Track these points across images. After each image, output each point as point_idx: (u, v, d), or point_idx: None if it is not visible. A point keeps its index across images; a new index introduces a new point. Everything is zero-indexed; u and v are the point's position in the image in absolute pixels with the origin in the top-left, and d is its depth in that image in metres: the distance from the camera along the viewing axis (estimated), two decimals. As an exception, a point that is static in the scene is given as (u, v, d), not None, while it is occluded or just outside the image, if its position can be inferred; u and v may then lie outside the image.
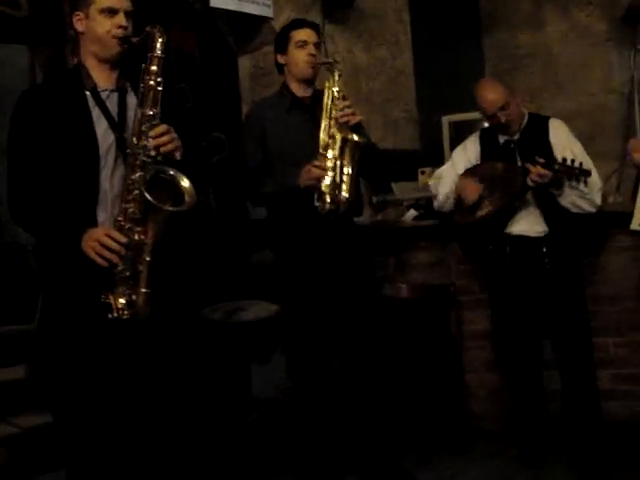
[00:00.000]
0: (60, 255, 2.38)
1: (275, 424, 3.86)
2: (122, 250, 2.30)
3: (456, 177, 3.53)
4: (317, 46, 3.28)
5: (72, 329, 2.38)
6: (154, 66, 2.41)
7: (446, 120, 4.82)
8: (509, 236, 3.43)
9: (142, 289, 2.35)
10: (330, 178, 3.05)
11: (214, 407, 3.60)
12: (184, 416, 2.79)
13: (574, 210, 3.32)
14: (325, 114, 3.13)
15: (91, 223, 2.36)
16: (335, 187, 3.06)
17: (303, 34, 3.25)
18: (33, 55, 3.39)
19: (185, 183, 2.36)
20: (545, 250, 3.38)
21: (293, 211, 3.19)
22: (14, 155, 2.43)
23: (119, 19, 2.43)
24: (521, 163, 3.38)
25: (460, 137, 3.91)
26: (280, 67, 3.36)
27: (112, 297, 2.32)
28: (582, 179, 3.15)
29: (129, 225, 2.33)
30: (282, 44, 3.30)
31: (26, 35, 3.40)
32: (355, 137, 3.05)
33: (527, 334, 3.51)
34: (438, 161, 3.91)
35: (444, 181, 3.58)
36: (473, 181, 3.45)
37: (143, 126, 2.36)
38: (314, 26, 3.34)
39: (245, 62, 4.53)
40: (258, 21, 4.31)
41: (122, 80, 2.51)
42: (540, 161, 3.20)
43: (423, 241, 4.08)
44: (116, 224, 2.35)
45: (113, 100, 2.48)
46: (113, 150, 2.42)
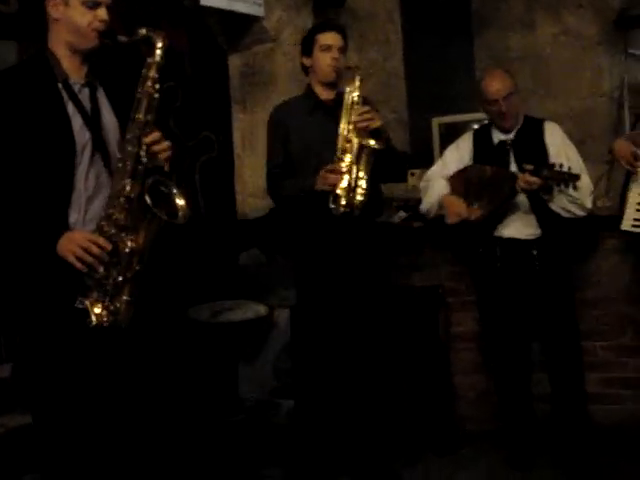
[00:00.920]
0: (29, 257, 2.26)
1: (262, 425, 3.85)
2: (105, 257, 2.24)
3: (444, 184, 3.50)
4: (342, 50, 3.30)
5: (49, 332, 2.29)
6: (152, 72, 2.35)
7: (436, 122, 4.81)
8: (500, 239, 3.43)
9: (125, 297, 2.29)
10: (345, 182, 3.08)
11: (200, 407, 3.59)
12: (170, 417, 2.77)
13: (565, 214, 3.32)
14: (344, 118, 3.16)
15: (62, 224, 2.27)
16: (350, 191, 3.09)
17: (328, 38, 3.28)
18: (21, 51, 3.35)
19: (181, 201, 2.32)
20: (536, 253, 3.38)
21: (310, 212, 3.22)
22: None
23: (102, 12, 2.34)
24: (515, 164, 3.39)
25: (450, 139, 3.90)
26: (305, 69, 3.39)
27: (88, 303, 2.25)
28: (571, 184, 3.15)
29: (114, 231, 2.27)
30: (308, 47, 3.33)
31: (14, 31, 3.37)
32: (372, 142, 3.07)
33: (515, 336, 3.51)
34: (428, 162, 3.89)
35: (432, 190, 3.56)
36: (459, 201, 3.43)
37: (136, 131, 2.30)
38: (340, 30, 3.36)
39: (235, 61, 4.52)
40: (249, 20, 4.30)
41: (90, 75, 2.41)
42: (528, 168, 3.19)
43: (411, 242, 4.07)
44: (99, 229, 2.28)
45: (85, 95, 2.38)
46: (88, 149, 2.33)
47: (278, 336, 4.20)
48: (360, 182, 3.10)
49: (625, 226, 3.11)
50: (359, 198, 3.09)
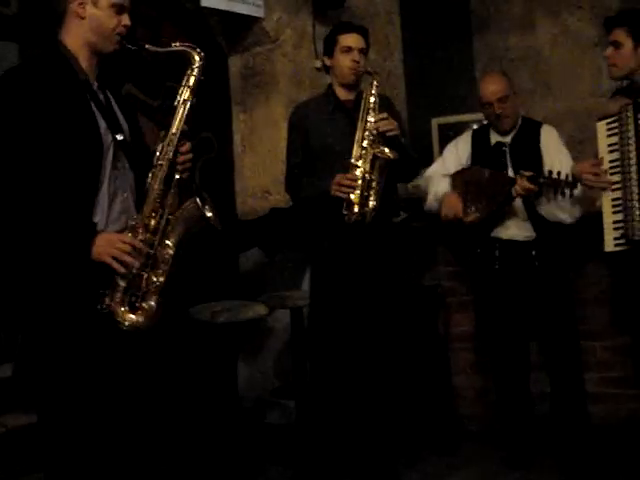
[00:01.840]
0: (53, 256, 2.24)
1: (261, 425, 3.86)
2: (141, 259, 2.29)
3: (447, 182, 3.51)
4: (363, 52, 3.30)
5: (61, 330, 2.27)
6: (191, 83, 2.44)
7: (435, 122, 4.83)
8: (499, 240, 3.44)
9: (155, 298, 2.33)
10: (359, 189, 3.09)
11: (200, 407, 3.59)
12: (170, 417, 2.78)
13: (551, 219, 3.33)
14: (360, 124, 3.16)
15: (88, 224, 2.28)
16: (363, 199, 3.10)
17: (349, 39, 3.27)
18: (22, 52, 3.36)
19: (209, 213, 2.39)
20: (534, 253, 3.39)
21: (326, 213, 3.22)
22: (4, 145, 2.22)
23: (126, 18, 2.38)
24: (511, 166, 3.40)
25: (449, 139, 3.91)
26: (327, 69, 3.40)
27: (114, 304, 2.28)
28: (568, 192, 3.14)
29: (148, 235, 2.33)
30: (329, 47, 3.34)
31: (15, 32, 3.37)
32: (386, 151, 3.07)
33: (514, 336, 3.53)
34: (427, 163, 3.90)
35: (434, 187, 3.57)
36: (457, 200, 3.44)
37: (174, 140, 2.38)
38: (362, 31, 3.35)
39: (235, 62, 4.53)
40: (249, 21, 4.30)
41: (98, 77, 2.42)
42: (527, 174, 3.20)
43: (412, 242, 4.08)
44: (132, 231, 2.32)
45: (101, 97, 2.40)
46: (112, 150, 2.35)
47: (278, 336, 4.21)
48: (372, 191, 3.11)
49: (608, 247, 3.05)
50: (371, 206, 3.10)
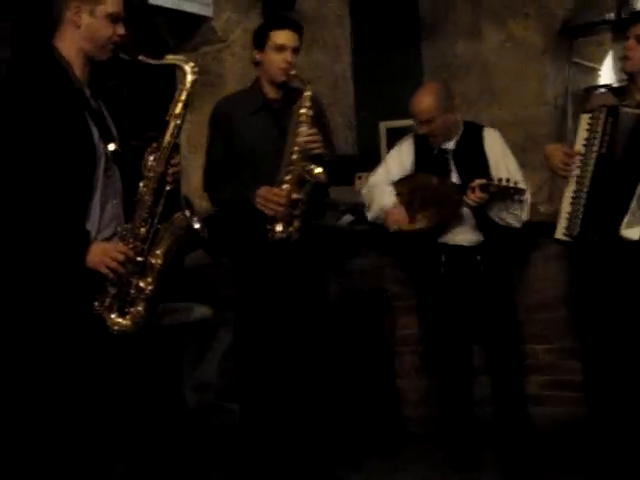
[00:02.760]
0: (45, 261, 2.30)
1: (207, 427, 3.82)
2: (134, 268, 2.37)
3: (390, 191, 3.49)
4: (295, 51, 3.16)
5: (52, 333, 2.32)
6: (183, 97, 2.49)
7: (383, 126, 4.85)
8: (445, 245, 3.46)
9: (144, 304, 2.41)
10: (284, 208, 3.00)
11: (145, 410, 3.54)
12: (114, 421, 2.74)
13: (501, 223, 3.38)
14: (291, 138, 3.06)
15: (80, 231, 2.34)
16: (288, 218, 3.02)
17: (283, 37, 3.12)
18: (15, 31, 3.30)
19: (197, 225, 2.46)
20: (480, 258, 3.43)
21: (247, 221, 3.13)
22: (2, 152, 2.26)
23: (121, 28, 2.42)
24: (456, 172, 3.42)
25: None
26: (255, 62, 3.24)
27: (105, 309, 2.36)
28: (517, 197, 3.20)
29: (136, 243, 2.38)
30: (260, 41, 3.17)
31: (8, 11, 3.29)
32: (316, 172, 2.97)
33: (457, 340, 3.56)
34: (374, 166, 3.91)
35: (378, 194, 3.52)
36: (400, 210, 3.43)
37: (165, 152, 2.44)
38: (296, 28, 3.18)
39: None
40: (197, 20, 4.26)
41: (90, 86, 2.47)
42: (478, 183, 3.22)
43: (357, 246, 4.09)
44: (122, 240, 2.39)
45: (94, 106, 2.45)
46: (103, 161, 2.40)
47: (223, 338, 4.17)
48: (298, 211, 3.02)
49: (557, 234, 3.13)
50: (296, 226, 3.03)
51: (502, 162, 3.42)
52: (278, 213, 3.01)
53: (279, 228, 3.02)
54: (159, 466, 3.33)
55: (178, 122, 2.48)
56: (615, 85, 3.29)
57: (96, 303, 2.35)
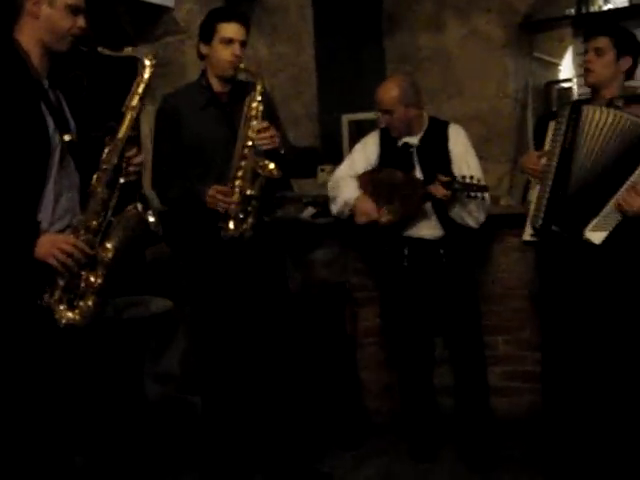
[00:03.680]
0: None
1: (169, 421, 3.81)
2: (84, 260, 2.32)
3: (355, 185, 3.49)
4: (243, 44, 3.08)
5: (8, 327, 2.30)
6: (140, 89, 2.46)
7: (346, 118, 4.86)
8: (409, 239, 3.47)
9: (94, 298, 2.37)
10: (235, 205, 2.95)
11: (105, 405, 3.52)
12: (75, 416, 2.72)
13: (459, 222, 3.40)
14: (241, 133, 3.00)
15: (31, 223, 2.30)
16: (241, 215, 2.96)
17: (230, 30, 3.04)
18: None
19: (152, 218, 2.43)
20: (442, 252, 3.45)
21: (199, 218, 3.07)
22: None
23: (82, 20, 2.40)
24: (419, 167, 3.44)
25: (359, 136, 3.93)
26: (201, 56, 3.16)
27: (53, 302, 2.31)
28: (479, 195, 3.23)
29: (89, 236, 2.35)
30: (207, 34, 3.09)
31: None
32: (270, 167, 2.93)
33: (419, 332, 3.58)
34: (337, 159, 3.92)
35: (342, 191, 3.52)
36: (369, 202, 3.43)
37: (119, 144, 2.41)
38: (244, 20, 3.11)
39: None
40: (159, 11, 4.22)
41: (49, 77, 2.44)
42: (442, 180, 3.25)
43: (320, 238, 4.09)
44: (74, 232, 2.35)
45: (52, 97, 2.42)
46: (58, 150, 2.37)
47: (184, 331, 4.15)
48: (251, 208, 2.97)
49: (525, 237, 3.19)
50: (249, 224, 2.97)
51: (464, 161, 3.44)
52: (230, 211, 2.96)
53: (231, 226, 2.96)
54: (118, 460, 3.31)
55: (134, 114, 2.46)
56: (575, 79, 3.32)
57: (45, 295, 2.31)
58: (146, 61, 2.48)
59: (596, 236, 2.95)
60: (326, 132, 4.99)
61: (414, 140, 3.49)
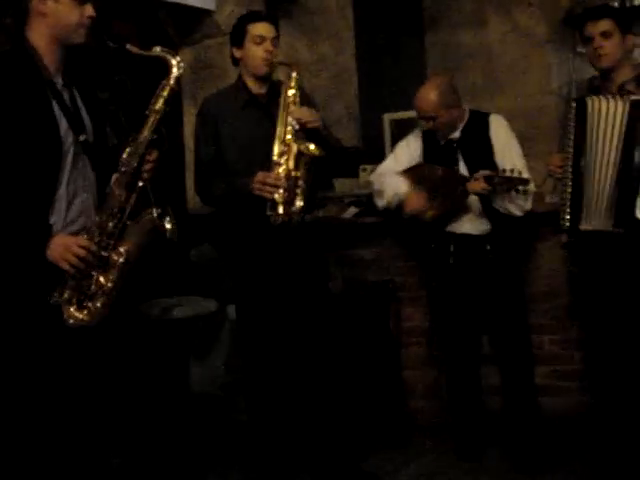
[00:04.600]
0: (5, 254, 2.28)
1: (214, 420, 3.84)
2: (95, 262, 2.31)
3: (402, 178, 3.48)
4: (275, 42, 3.15)
5: (19, 326, 2.30)
6: (165, 92, 2.45)
7: (387, 118, 4.83)
8: (453, 235, 3.46)
9: (103, 299, 2.36)
10: (283, 189, 2.97)
11: (152, 404, 3.56)
12: (122, 415, 2.75)
13: (503, 212, 3.37)
14: (280, 119, 3.04)
15: (43, 225, 2.30)
16: (289, 198, 2.98)
17: (260, 28, 3.12)
18: None
19: (169, 225, 2.43)
20: (489, 248, 3.43)
21: (245, 213, 3.11)
22: None
23: (90, 9, 2.38)
24: (463, 161, 3.42)
25: (401, 135, 3.92)
26: (236, 61, 3.23)
27: (63, 302, 2.31)
28: (521, 188, 3.20)
29: (104, 238, 2.34)
30: (238, 37, 3.16)
31: None
32: (311, 148, 2.96)
33: (466, 330, 3.56)
34: (379, 158, 3.90)
35: (388, 184, 3.52)
36: (421, 196, 3.43)
37: (141, 147, 2.38)
38: (272, 19, 3.20)
39: (186, 55, 4.48)
40: (200, 14, 4.27)
41: (66, 76, 2.42)
42: (482, 174, 3.23)
43: (363, 238, 4.09)
44: (88, 234, 2.34)
45: (66, 96, 2.40)
46: (72, 151, 2.36)
47: (229, 331, 4.18)
48: (299, 190, 2.99)
49: (563, 239, 3.17)
50: (298, 207, 2.99)
51: (507, 149, 3.42)
52: (278, 195, 2.98)
53: (280, 210, 2.98)
54: (157, 461, 3.34)
55: (157, 117, 2.43)
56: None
57: (55, 294, 2.30)
58: (173, 62, 2.47)
59: None
60: (368, 132, 4.97)
61: (456, 134, 3.48)
